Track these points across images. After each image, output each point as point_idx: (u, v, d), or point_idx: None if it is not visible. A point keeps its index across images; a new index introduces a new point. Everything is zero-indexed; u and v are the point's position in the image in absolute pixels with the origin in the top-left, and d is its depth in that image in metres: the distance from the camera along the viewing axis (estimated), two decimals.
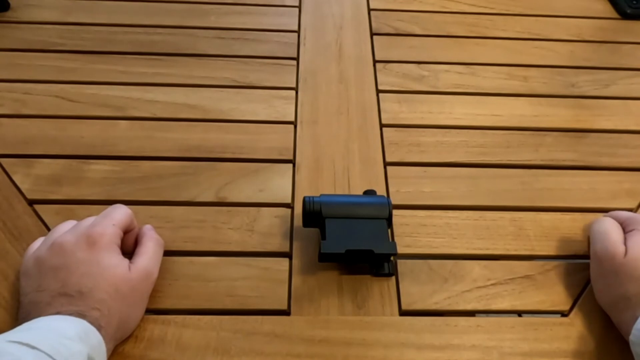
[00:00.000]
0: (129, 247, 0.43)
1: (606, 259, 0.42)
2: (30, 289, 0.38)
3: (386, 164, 0.54)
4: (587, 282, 0.46)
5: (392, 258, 0.45)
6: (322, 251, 0.41)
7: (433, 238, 0.48)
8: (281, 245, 0.47)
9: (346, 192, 0.51)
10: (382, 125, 0.58)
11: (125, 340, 0.40)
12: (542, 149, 0.57)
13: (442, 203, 0.51)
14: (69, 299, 0.36)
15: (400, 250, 0.46)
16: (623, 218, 0.45)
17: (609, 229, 0.44)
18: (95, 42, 0.65)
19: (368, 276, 0.45)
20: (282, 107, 0.59)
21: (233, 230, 0.47)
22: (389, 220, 0.45)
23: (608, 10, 0.78)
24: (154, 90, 0.60)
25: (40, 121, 0.56)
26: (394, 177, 0.53)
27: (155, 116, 0.57)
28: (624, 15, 0.76)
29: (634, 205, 0.52)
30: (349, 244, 0.42)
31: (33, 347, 0.31)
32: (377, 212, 0.45)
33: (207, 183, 0.51)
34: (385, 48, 0.68)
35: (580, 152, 0.57)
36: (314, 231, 0.47)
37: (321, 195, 0.46)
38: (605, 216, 0.47)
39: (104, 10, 0.70)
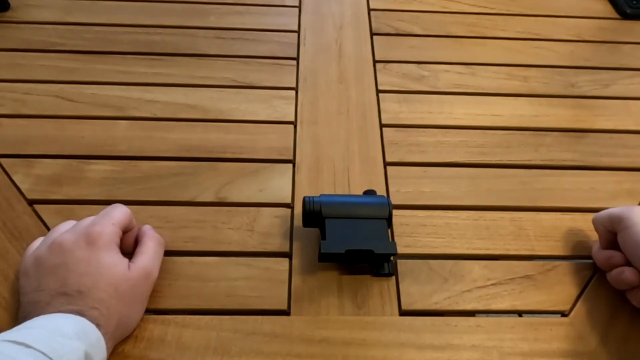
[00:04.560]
0: (128, 247, 0.43)
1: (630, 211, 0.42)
2: (29, 288, 0.38)
3: (386, 164, 0.54)
4: (587, 282, 0.46)
5: (392, 258, 0.45)
6: (322, 251, 0.41)
7: (433, 238, 0.48)
8: (281, 245, 0.47)
9: (346, 192, 0.51)
10: (382, 125, 0.58)
11: (125, 340, 0.40)
12: (542, 149, 0.57)
13: (442, 203, 0.51)
14: (68, 299, 0.36)
15: (400, 250, 0.46)
16: (616, 211, 0.44)
17: (602, 212, 0.45)
18: (95, 42, 0.65)
19: (368, 276, 0.45)
20: (282, 107, 0.59)
21: (233, 230, 0.47)
22: (389, 220, 0.45)
23: (608, 10, 0.78)
24: (154, 90, 0.60)
25: (40, 121, 0.56)
26: (394, 177, 0.53)
27: (155, 116, 0.57)
28: (624, 15, 0.77)
29: (633, 205, 0.52)
30: (349, 244, 0.42)
31: (28, 346, 0.31)
32: (377, 212, 0.45)
33: (207, 183, 0.51)
34: (385, 48, 0.68)
35: (580, 152, 0.57)
36: (314, 231, 0.47)
37: (321, 195, 0.46)
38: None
39: (104, 10, 0.70)
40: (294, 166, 0.54)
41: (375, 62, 0.66)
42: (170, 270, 0.44)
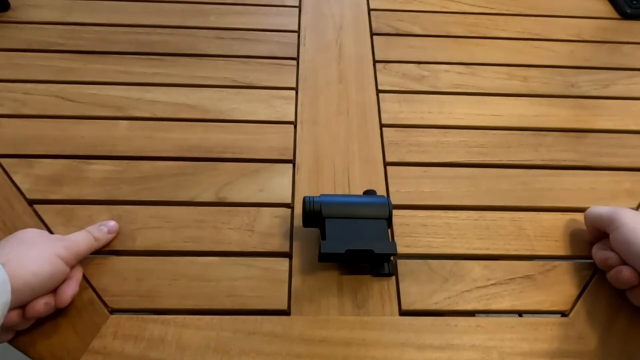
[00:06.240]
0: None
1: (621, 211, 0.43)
2: None
3: (386, 164, 0.54)
4: (587, 282, 0.46)
5: (392, 258, 0.45)
6: (322, 251, 0.41)
7: (433, 238, 0.48)
8: (281, 245, 0.47)
9: (346, 192, 0.51)
10: (382, 125, 0.58)
11: (125, 340, 0.40)
12: (542, 149, 0.57)
13: (442, 203, 0.51)
14: None
15: (400, 250, 0.46)
16: (606, 213, 0.45)
17: (593, 208, 0.47)
18: (95, 42, 0.65)
19: (368, 276, 0.45)
20: (282, 107, 0.59)
21: (233, 230, 0.47)
22: (389, 220, 0.45)
23: (608, 10, 0.78)
24: (154, 90, 0.60)
25: (40, 121, 0.56)
26: (394, 177, 0.53)
27: (155, 116, 0.57)
28: (624, 15, 0.77)
29: (633, 205, 0.52)
30: (349, 244, 0.42)
31: None
32: (377, 212, 0.45)
33: (207, 183, 0.51)
34: (385, 48, 0.68)
35: (580, 152, 0.57)
36: (314, 231, 0.47)
37: (321, 195, 0.46)
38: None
39: (104, 10, 0.70)
40: (294, 166, 0.54)
41: (375, 62, 0.66)
42: (170, 270, 0.44)
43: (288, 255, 0.46)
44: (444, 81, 0.64)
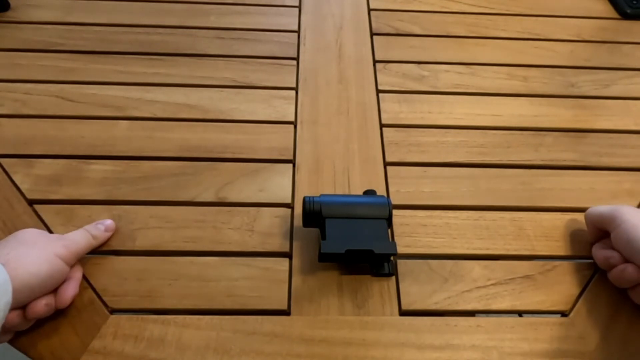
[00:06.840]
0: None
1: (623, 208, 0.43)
2: None
3: (386, 164, 0.54)
4: (588, 282, 0.46)
5: (392, 258, 0.45)
6: (322, 251, 0.41)
7: (433, 238, 0.48)
8: (281, 245, 0.47)
9: (346, 192, 0.51)
10: (382, 125, 0.58)
11: (125, 340, 0.40)
12: (542, 149, 0.57)
13: (442, 203, 0.51)
14: None
15: (400, 250, 0.46)
16: (606, 211, 0.45)
17: (594, 208, 0.47)
18: (95, 42, 0.65)
19: (368, 276, 0.45)
20: (282, 107, 0.59)
21: (233, 230, 0.47)
22: (389, 220, 0.45)
23: (608, 10, 0.78)
24: (154, 90, 0.60)
25: (40, 121, 0.56)
26: (394, 177, 0.53)
27: (155, 116, 0.57)
28: (624, 15, 0.77)
29: (633, 205, 0.52)
30: (349, 244, 0.42)
31: None
32: (377, 212, 0.45)
33: (207, 183, 0.51)
34: (385, 48, 0.68)
35: (580, 152, 0.57)
36: (314, 231, 0.47)
37: (321, 195, 0.46)
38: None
39: (104, 10, 0.70)
40: (294, 166, 0.54)
41: (375, 62, 0.66)
42: (170, 270, 0.44)
43: (288, 255, 0.46)
44: (444, 81, 0.64)
